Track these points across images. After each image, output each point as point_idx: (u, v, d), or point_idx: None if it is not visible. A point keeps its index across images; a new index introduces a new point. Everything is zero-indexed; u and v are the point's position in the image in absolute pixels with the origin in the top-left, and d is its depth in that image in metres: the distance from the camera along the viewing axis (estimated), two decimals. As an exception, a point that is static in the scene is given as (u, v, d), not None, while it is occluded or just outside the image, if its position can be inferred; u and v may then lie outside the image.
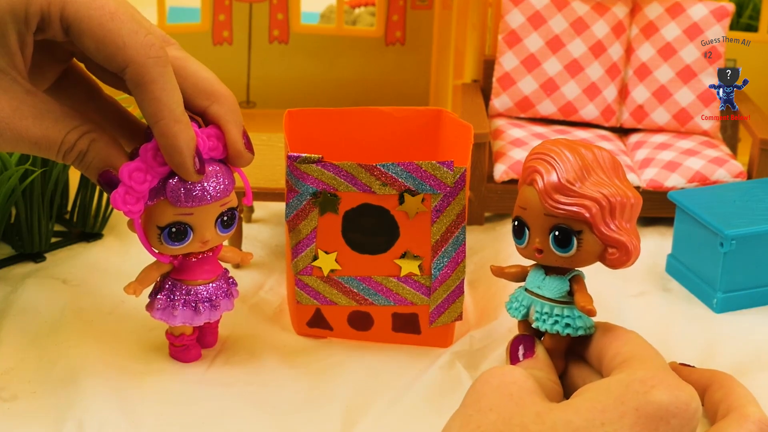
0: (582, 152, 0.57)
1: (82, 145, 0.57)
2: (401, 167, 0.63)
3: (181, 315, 0.62)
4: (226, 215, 0.61)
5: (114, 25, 0.55)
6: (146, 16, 0.58)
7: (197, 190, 0.58)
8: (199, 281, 0.63)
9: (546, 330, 0.59)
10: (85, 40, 0.55)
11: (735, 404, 0.55)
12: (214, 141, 0.59)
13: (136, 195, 0.57)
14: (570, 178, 0.56)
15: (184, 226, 0.59)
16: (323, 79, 1.07)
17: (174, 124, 0.56)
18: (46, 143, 0.56)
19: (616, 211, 0.56)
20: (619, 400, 0.50)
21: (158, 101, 0.55)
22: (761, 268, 0.74)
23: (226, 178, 0.60)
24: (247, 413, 0.60)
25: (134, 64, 0.55)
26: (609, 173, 0.57)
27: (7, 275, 0.76)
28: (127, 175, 0.57)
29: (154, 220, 0.59)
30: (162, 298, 0.63)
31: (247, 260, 0.67)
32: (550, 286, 0.59)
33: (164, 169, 0.57)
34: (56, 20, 0.55)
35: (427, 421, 0.58)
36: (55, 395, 0.61)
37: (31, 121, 0.56)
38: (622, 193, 0.56)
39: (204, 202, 0.59)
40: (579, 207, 0.56)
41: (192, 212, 0.59)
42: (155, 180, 0.58)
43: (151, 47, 0.55)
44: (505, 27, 0.93)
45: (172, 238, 0.59)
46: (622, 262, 0.57)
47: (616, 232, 0.56)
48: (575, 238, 0.57)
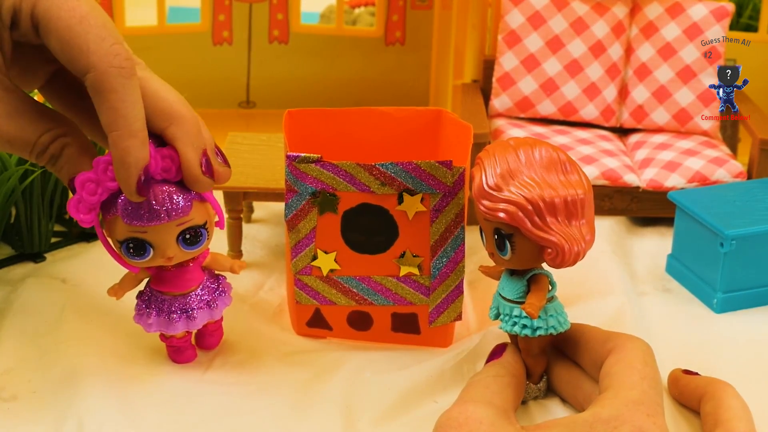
0: (511, 155, 0.57)
1: (54, 149, 0.57)
2: (400, 167, 0.63)
3: (155, 323, 0.62)
4: (188, 233, 0.59)
5: (81, 28, 0.54)
6: (146, 16, 0.58)
7: (144, 210, 0.57)
8: (175, 292, 0.62)
9: (508, 331, 0.59)
10: (51, 39, 0.55)
11: (722, 418, 0.56)
12: (168, 162, 0.57)
13: (87, 205, 0.57)
14: (491, 184, 0.56)
15: (141, 242, 0.58)
16: (323, 79, 1.07)
17: (127, 138, 0.54)
18: (20, 143, 0.56)
19: (544, 211, 0.56)
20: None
21: (115, 111, 0.54)
22: (761, 268, 0.73)
23: (181, 199, 0.58)
24: (246, 413, 0.60)
25: (96, 70, 0.54)
26: (542, 173, 0.57)
27: (7, 275, 0.76)
28: (80, 184, 0.56)
29: (113, 234, 0.59)
30: (140, 304, 0.63)
31: (237, 269, 0.66)
32: (509, 287, 0.60)
33: (114, 184, 0.56)
34: (27, 17, 0.55)
35: (427, 420, 0.58)
36: (55, 395, 0.61)
37: (6, 119, 0.56)
38: (553, 193, 0.56)
39: (154, 222, 0.57)
40: (501, 212, 0.56)
41: (145, 230, 0.58)
42: (105, 194, 0.57)
43: (116, 56, 0.54)
44: (505, 27, 0.93)
45: (131, 253, 0.59)
46: (559, 261, 0.57)
47: (547, 232, 0.56)
48: (508, 241, 0.57)
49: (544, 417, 0.60)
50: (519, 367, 0.60)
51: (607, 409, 0.53)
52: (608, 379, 0.56)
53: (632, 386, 0.54)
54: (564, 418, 0.55)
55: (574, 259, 0.57)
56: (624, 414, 0.52)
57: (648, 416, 0.52)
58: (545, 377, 0.62)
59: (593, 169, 0.85)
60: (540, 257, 0.57)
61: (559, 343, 0.62)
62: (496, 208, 0.56)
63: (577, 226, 0.56)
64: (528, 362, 0.61)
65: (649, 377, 0.55)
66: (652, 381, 0.55)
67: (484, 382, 0.57)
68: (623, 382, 0.55)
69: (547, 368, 0.62)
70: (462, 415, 0.53)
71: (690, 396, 0.60)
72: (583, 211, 0.57)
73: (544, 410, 0.61)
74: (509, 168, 0.56)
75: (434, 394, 0.63)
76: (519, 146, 0.57)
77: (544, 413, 0.61)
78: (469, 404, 0.54)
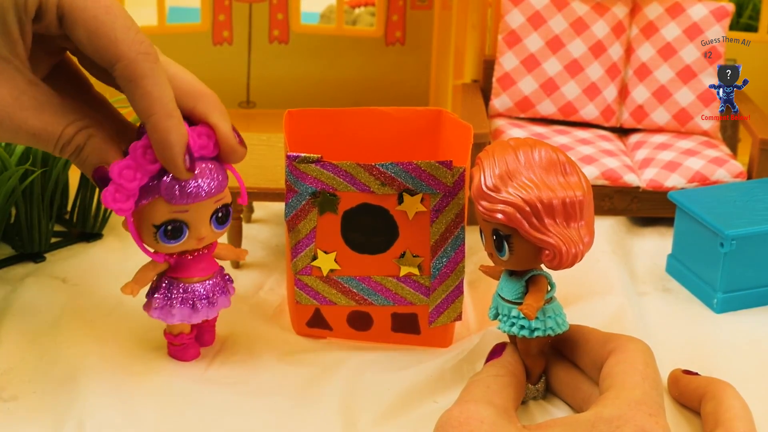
0: (510, 156, 0.57)
1: (80, 140, 0.57)
2: (400, 167, 0.63)
3: (179, 313, 0.63)
4: (220, 211, 0.61)
5: (108, 18, 0.55)
6: (146, 16, 0.58)
7: (191, 188, 0.58)
8: (195, 279, 0.63)
9: (506, 331, 0.59)
10: (78, 30, 0.55)
11: (723, 418, 0.55)
12: (205, 139, 0.59)
13: (125, 193, 0.57)
14: (490, 185, 0.56)
15: (179, 223, 0.59)
16: (323, 79, 1.07)
17: (166, 119, 0.56)
18: (45, 136, 0.56)
19: (542, 213, 0.56)
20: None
21: (150, 96, 0.55)
22: (761, 268, 0.73)
23: (220, 174, 0.60)
24: (246, 413, 0.60)
25: (126, 59, 0.55)
26: (541, 174, 0.56)
27: (7, 275, 0.76)
28: (117, 172, 0.57)
29: (149, 219, 0.59)
30: (159, 297, 0.63)
31: (242, 256, 0.67)
32: (508, 288, 0.59)
33: (154, 167, 0.57)
34: (53, 8, 0.55)
35: (427, 420, 0.58)
36: (55, 395, 0.61)
37: (30, 113, 0.56)
38: (551, 195, 0.56)
39: (199, 199, 0.59)
40: (499, 213, 0.56)
41: (187, 209, 0.59)
42: (145, 178, 0.57)
43: (141, 43, 0.55)
44: (505, 27, 0.93)
45: (168, 236, 0.59)
46: (557, 263, 0.57)
47: (545, 234, 0.56)
48: (506, 242, 0.57)
49: (545, 417, 0.60)
50: (519, 366, 0.60)
51: (609, 408, 0.53)
52: (609, 379, 0.56)
53: (634, 386, 0.54)
54: (566, 418, 0.55)
55: (572, 261, 0.57)
56: (627, 414, 0.52)
57: (651, 416, 0.52)
58: (544, 378, 0.62)
59: (593, 169, 0.85)
60: (538, 258, 0.57)
61: (557, 344, 0.62)
62: (494, 209, 0.56)
63: (576, 228, 0.56)
64: (527, 363, 0.61)
65: (651, 378, 0.55)
66: (654, 382, 0.55)
67: (484, 382, 0.57)
68: (625, 383, 0.55)
69: (545, 369, 0.62)
70: (463, 415, 0.53)
71: (690, 396, 0.60)
72: (581, 213, 0.57)
73: (544, 410, 0.61)
74: (508, 169, 0.56)
75: (434, 394, 0.63)
76: (518, 147, 0.57)
77: (544, 413, 0.61)
78: (470, 404, 0.54)
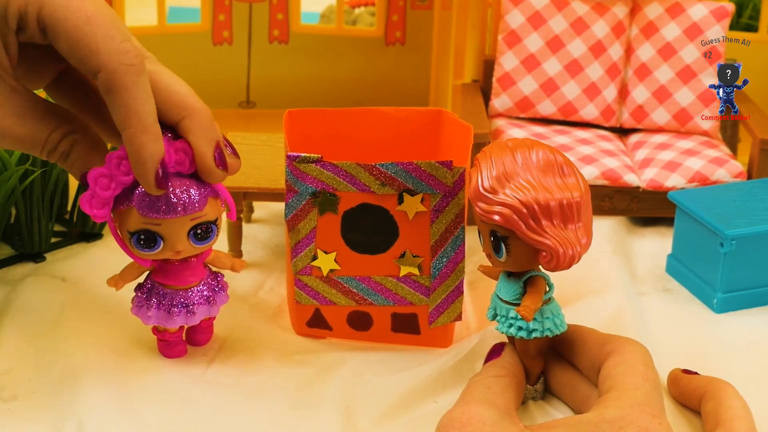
0: (508, 157, 0.57)
1: (65, 146, 0.57)
2: (400, 167, 0.63)
3: (154, 316, 0.63)
4: (199, 228, 0.60)
5: (89, 29, 0.54)
6: (146, 16, 0.58)
7: (162, 203, 0.58)
8: (177, 286, 0.63)
9: (504, 332, 0.59)
10: (59, 42, 0.55)
11: (723, 418, 0.55)
12: (182, 155, 0.58)
13: (100, 200, 0.57)
14: (487, 186, 0.56)
15: (152, 234, 0.59)
16: (323, 79, 1.07)
17: (141, 135, 0.55)
18: (30, 142, 0.57)
19: (539, 215, 0.56)
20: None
21: (127, 109, 0.55)
22: (761, 268, 0.73)
23: (198, 193, 0.58)
24: (246, 413, 0.60)
25: (106, 70, 0.54)
26: (538, 176, 0.56)
27: (7, 275, 0.76)
28: (93, 179, 0.57)
29: (125, 224, 0.59)
30: (140, 296, 0.63)
31: (237, 268, 0.66)
32: (506, 289, 0.59)
33: (128, 179, 0.57)
34: (33, 21, 0.55)
35: (427, 421, 0.58)
36: (55, 395, 0.61)
37: (15, 120, 0.56)
38: (548, 196, 0.55)
39: (170, 215, 0.58)
40: (496, 214, 0.56)
41: (160, 223, 0.58)
42: (119, 188, 0.57)
43: (125, 54, 0.54)
44: (505, 27, 0.93)
45: (141, 245, 0.59)
46: (554, 264, 0.56)
47: (542, 235, 0.56)
48: (503, 244, 0.57)
49: (544, 417, 0.60)
50: (519, 367, 0.60)
51: (612, 409, 0.53)
52: (610, 381, 0.56)
53: (636, 387, 0.54)
54: (568, 418, 0.55)
55: (569, 262, 0.56)
56: (629, 414, 0.52)
57: (653, 417, 0.52)
58: (542, 378, 0.62)
59: (593, 169, 0.85)
60: (536, 260, 0.57)
61: (556, 344, 0.62)
62: (491, 210, 0.56)
63: (573, 229, 0.56)
64: (525, 363, 0.61)
65: (652, 379, 0.55)
66: (654, 383, 0.55)
67: (485, 383, 0.57)
68: (626, 384, 0.55)
69: (544, 370, 0.62)
70: (465, 416, 0.53)
71: (690, 396, 0.60)
72: (579, 215, 0.56)
73: (544, 411, 0.61)
74: (505, 170, 0.56)
75: (434, 394, 0.63)
76: (516, 148, 0.57)
77: (543, 414, 0.61)
78: (471, 404, 0.54)
